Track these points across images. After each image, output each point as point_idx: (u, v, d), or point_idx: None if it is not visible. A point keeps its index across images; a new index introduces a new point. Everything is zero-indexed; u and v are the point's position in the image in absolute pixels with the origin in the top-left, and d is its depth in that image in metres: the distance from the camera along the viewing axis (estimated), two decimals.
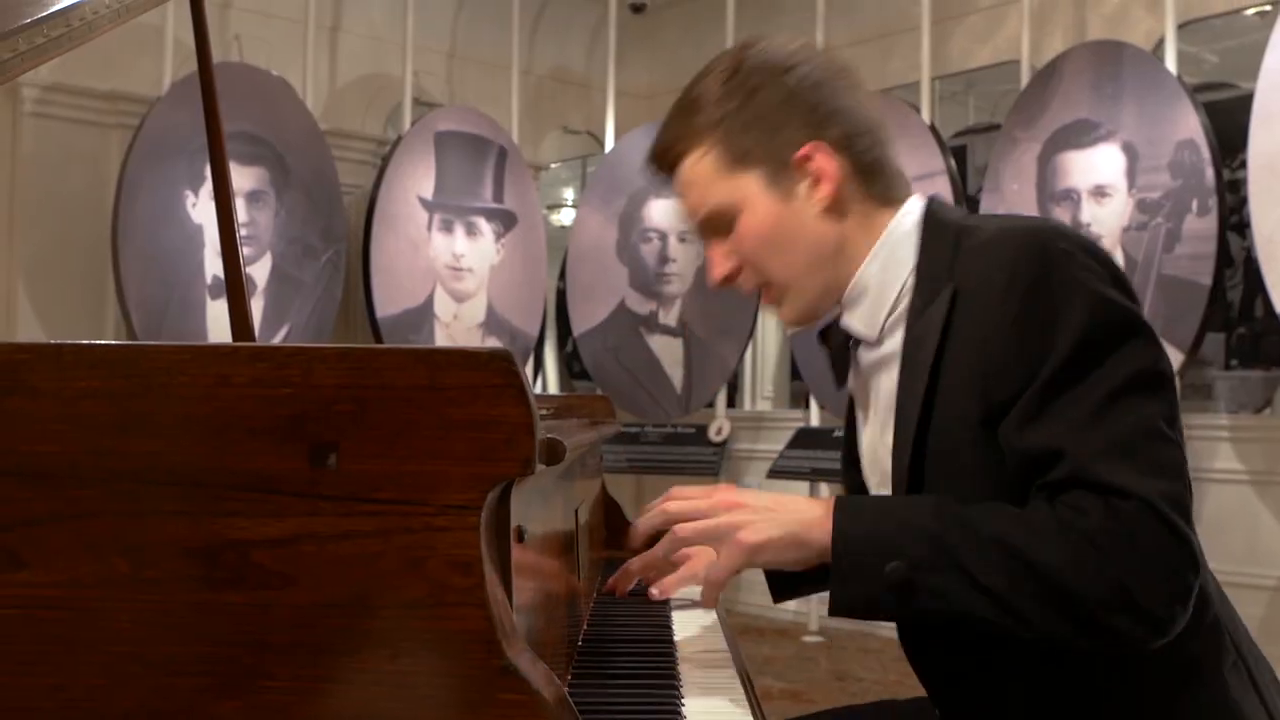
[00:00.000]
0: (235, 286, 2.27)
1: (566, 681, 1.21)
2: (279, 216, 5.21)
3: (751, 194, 1.31)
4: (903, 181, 1.37)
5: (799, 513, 1.20)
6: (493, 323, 5.85)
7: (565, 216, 8.94)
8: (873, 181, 1.33)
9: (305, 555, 0.74)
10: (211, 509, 0.74)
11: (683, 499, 1.25)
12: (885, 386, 1.32)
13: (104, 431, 0.74)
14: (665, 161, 1.37)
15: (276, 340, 5.14)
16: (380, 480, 0.75)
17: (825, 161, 1.30)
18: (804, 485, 5.74)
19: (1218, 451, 4.81)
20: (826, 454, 5.53)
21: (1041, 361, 1.15)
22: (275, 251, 5.20)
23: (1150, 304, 4.64)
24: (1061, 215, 4.88)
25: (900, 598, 1.13)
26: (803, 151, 1.30)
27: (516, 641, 0.75)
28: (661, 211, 6.13)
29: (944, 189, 5.12)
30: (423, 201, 5.64)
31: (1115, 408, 1.13)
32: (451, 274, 5.73)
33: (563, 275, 6.77)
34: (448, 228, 5.73)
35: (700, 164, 1.33)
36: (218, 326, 4.87)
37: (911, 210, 1.34)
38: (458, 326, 5.73)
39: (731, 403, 6.43)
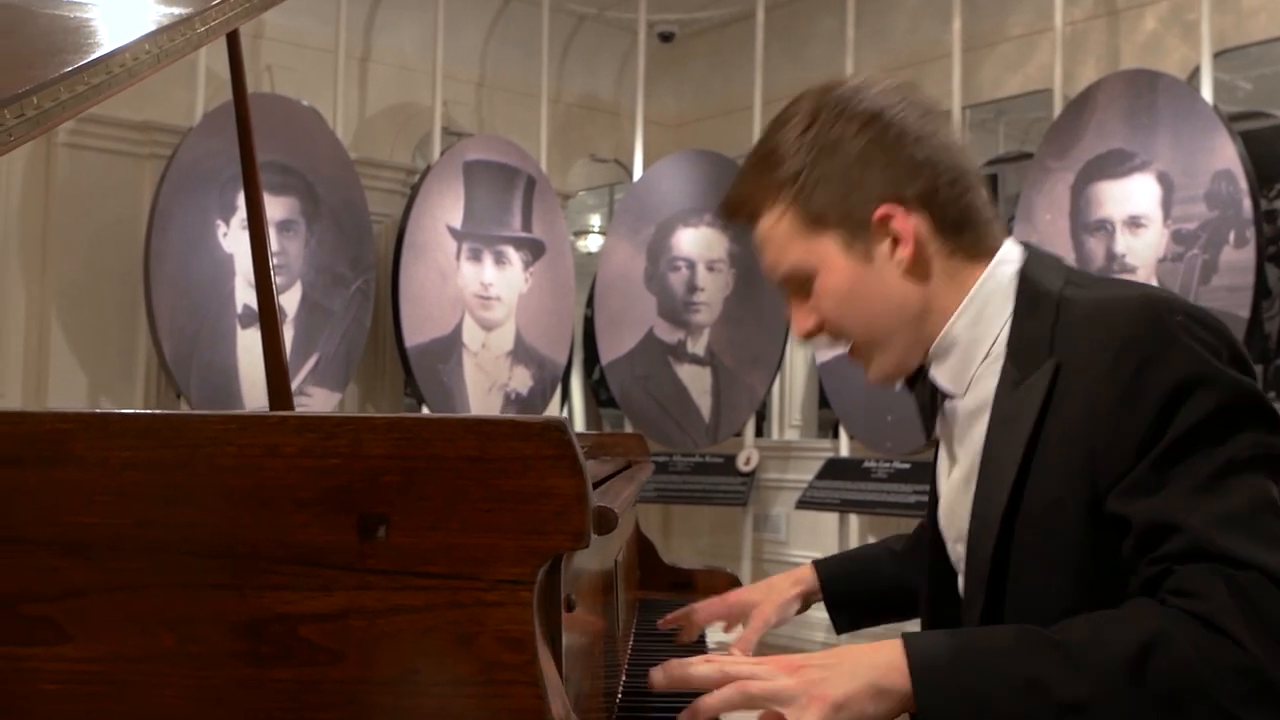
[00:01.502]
0: (268, 317, 2.26)
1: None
2: (309, 246, 5.22)
3: (829, 256, 1.25)
4: (995, 229, 1.29)
5: (869, 660, 1.08)
6: (521, 351, 5.84)
7: (592, 243, 8.94)
8: (959, 235, 1.26)
9: (354, 630, 0.72)
10: (258, 582, 0.72)
11: (740, 664, 1.09)
12: (970, 442, 1.27)
13: (148, 502, 0.72)
14: (739, 217, 1.32)
15: (306, 369, 5.15)
16: (430, 553, 0.73)
17: (905, 222, 1.23)
18: (833, 516, 5.70)
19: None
20: (856, 485, 5.49)
21: (1155, 439, 1.09)
22: (305, 280, 5.21)
23: None
24: (1095, 246, 4.84)
25: None
26: (880, 213, 1.23)
27: None
28: (690, 240, 6.12)
29: None
30: (451, 231, 5.65)
31: (1230, 482, 1.07)
32: (480, 303, 5.73)
33: (590, 303, 6.76)
34: (476, 256, 5.73)
35: (777, 225, 1.27)
36: (248, 356, 4.88)
37: (1006, 261, 1.28)
38: (486, 355, 5.73)
39: (760, 431, 6.39)
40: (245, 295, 4.99)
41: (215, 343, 4.87)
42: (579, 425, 9.52)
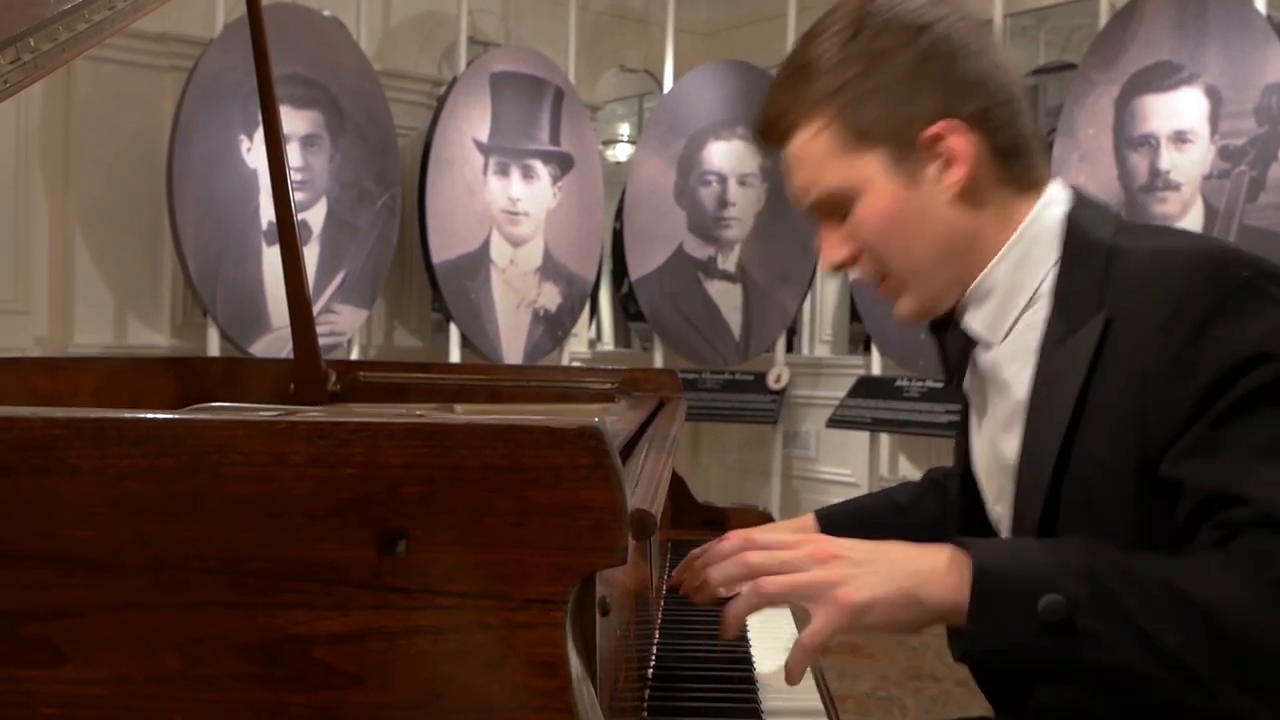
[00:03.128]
0: (288, 236, 2.21)
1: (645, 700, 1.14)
2: (334, 161, 5.14)
3: (872, 176, 1.16)
4: (1043, 162, 1.21)
5: (910, 563, 1.03)
6: (549, 267, 5.76)
7: (620, 152, 8.80)
8: (1011, 163, 1.17)
9: (372, 653, 0.67)
10: (269, 601, 0.67)
11: (765, 548, 1.08)
12: (1006, 395, 1.19)
13: (150, 514, 0.67)
14: (773, 135, 1.23)
15: (332, 286, 5.10)
16: (455, 571, 0.67)
17: (959, 141, 1.15)
18: (864, 436, 5.64)
19: None
20: (888, 404, 5.43)
21: (1214, 400, 1.02)
22: (330, 196, 5.14)
23: None
24: (1139, 162, 4.70)
25: (1054, 641, 0.97)
26: (933, 130, 1.15)
27: None
28: (721, 154, 5.99)
29: None
30: (478, 144, 5.54)
31: None
32: (507, 218, 5.64)
33: (618, 215, 6.65)
34: (504, 171, 5.63)
35: (814, 141, 1.18)
36: (274, 274, 4.81)
37: (1053, 203, 1.19)
38: (514, 272, 5.65)
39: (790, 347, 6.31)
40: (270, 212, 4.91)
41: (241, 260, 4.81)
42: (607, 340, 9.46)
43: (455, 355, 5.50)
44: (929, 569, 1.02)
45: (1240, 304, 1.04)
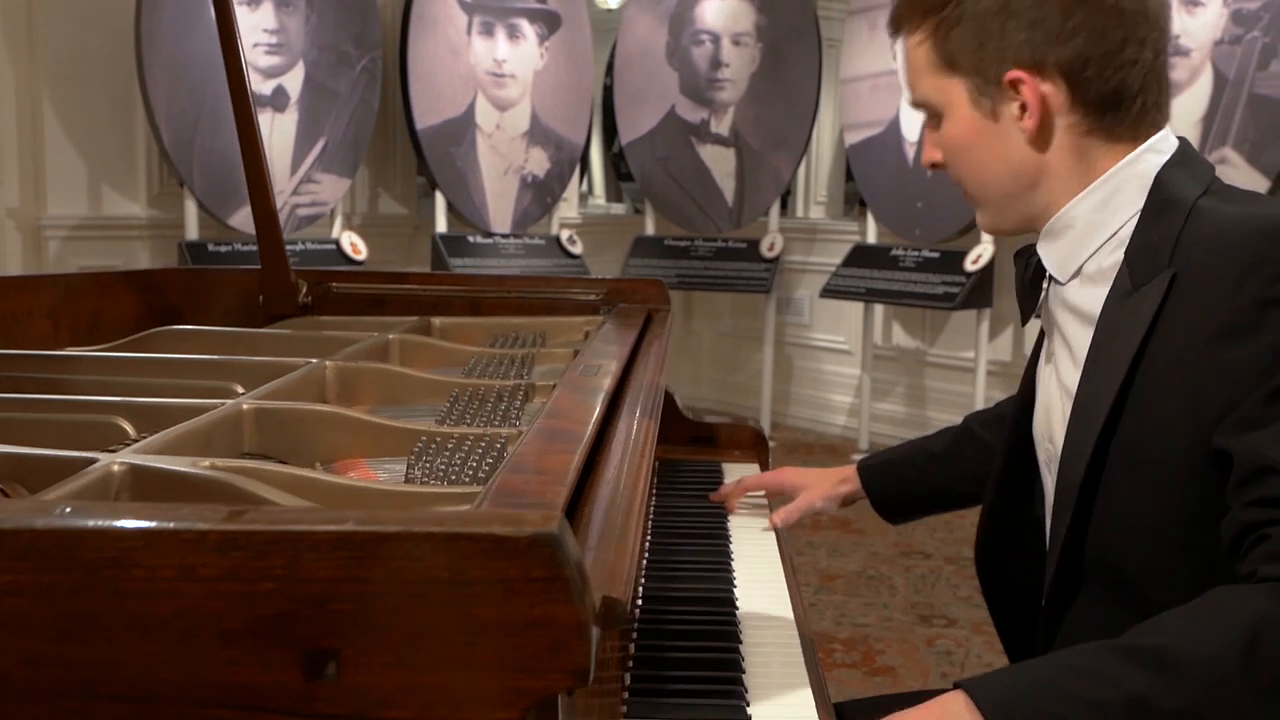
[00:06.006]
0: (249, 138, 2.09)
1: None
2: (309, 23, 4.91)
3: (956, 101, 1.20)
4: (1153, 114, 1.17)
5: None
6: (537, 132, 5.58)
7: None
8: (1103, 114, 1.15)
9: None
10: None
11: None
12: (1070, 342, 1.20)
13: (40, 636, 0.58)
14: (893, 27, 1.27)
15: (313, 155, 4.93)
16: (393, 695, 0.59)
17: (1035, 92, 1.15)
18: (858, 306, 5.56)
19: None
20: (883, 274, 5.32)
21: (1271, 372, 1.00)
22: (308, 60, 4.93)
23: (1239, 125, 4.32)
24: None
25: None
26: (1012, 75, 1.15)
27: None
28: (714, 12, 5.76)
29: None
30: (461, 3, 5.30)
31: None
32: (493, 80, 5.44)
33: (609, 71, 6.43)
34: (488, 31, 5.41)
35: (916, 50, 1.23)
36: None
37: (1155, 151, 1.17)
38: (500, 136, 5.48)
39: (784, 208, 6.17)
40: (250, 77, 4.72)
41: (217, 129, 4.63)
42: (599, 193, 9.24)
43: (442, 224, 5.37)
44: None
45: None
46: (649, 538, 1.64)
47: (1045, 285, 1.25)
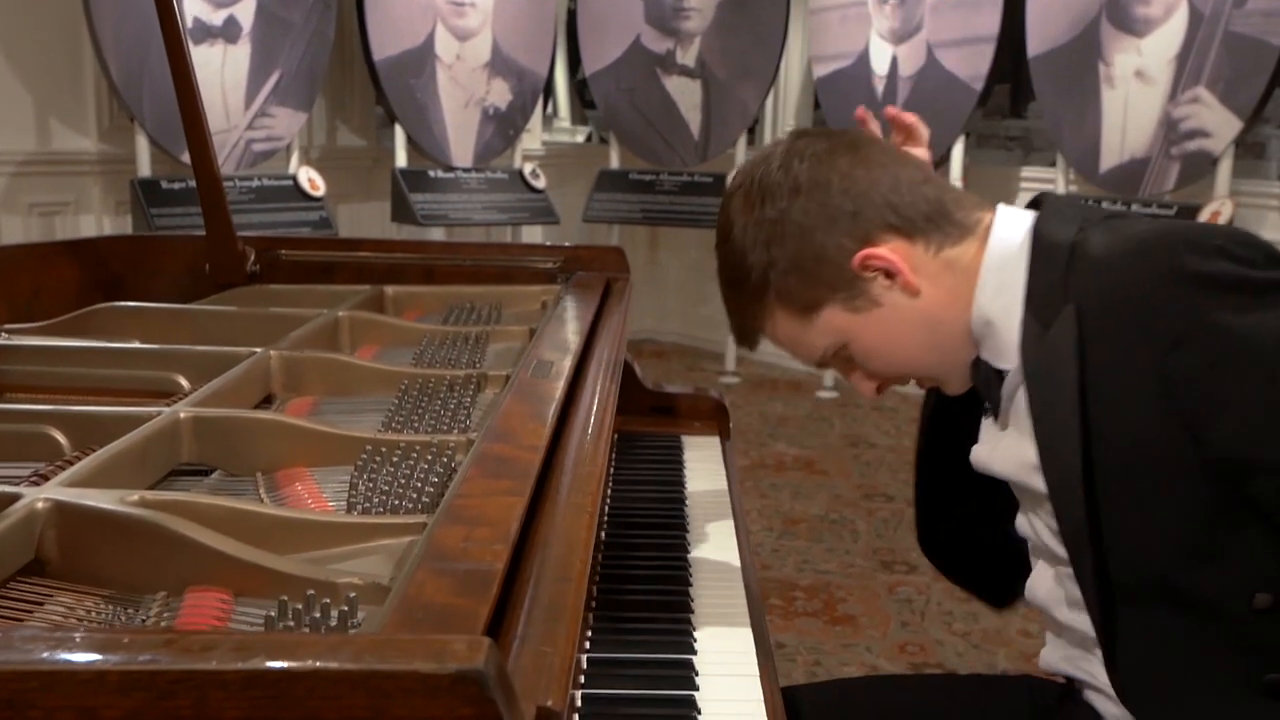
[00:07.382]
0: (188, 100, 2.02)
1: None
2: None
3: (843, 322, 1.24)
4: (968, 201, 1.25)
5: None
6: (498, 62, 5.46)
7: None
8: (940, 224, 1.22)
9: None
10: None
11: None
12: (1019, 404, 1.23)
13: None
14: (752, 339, 1.33)
15: (267, 88, 4.80)
16: None
17: (884, 255, 1.21)
18: None
19: (1265, 220, 4.55)
20: None
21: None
22: None
23: (1213, 63, 4.27)
24: None
25: None
26: (858, 261, 1.21)
27: None
28: None
29: None
30: None
31: None
32: (452, 9, 5.30)
33: None
34: None
35: (781, 326, 1.27)
36: (204, 74, 4.51)
37: (1007, 224, 1.23)
38: (461, 67, 5.35)
39: (751, 141, 6.09)
40: (195, 7, 4.58)
41: (166, 61, 4.48)
42: (564, 116, 9.10)
43: (402, 158, 5.26)
44: None
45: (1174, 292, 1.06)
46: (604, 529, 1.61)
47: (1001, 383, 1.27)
